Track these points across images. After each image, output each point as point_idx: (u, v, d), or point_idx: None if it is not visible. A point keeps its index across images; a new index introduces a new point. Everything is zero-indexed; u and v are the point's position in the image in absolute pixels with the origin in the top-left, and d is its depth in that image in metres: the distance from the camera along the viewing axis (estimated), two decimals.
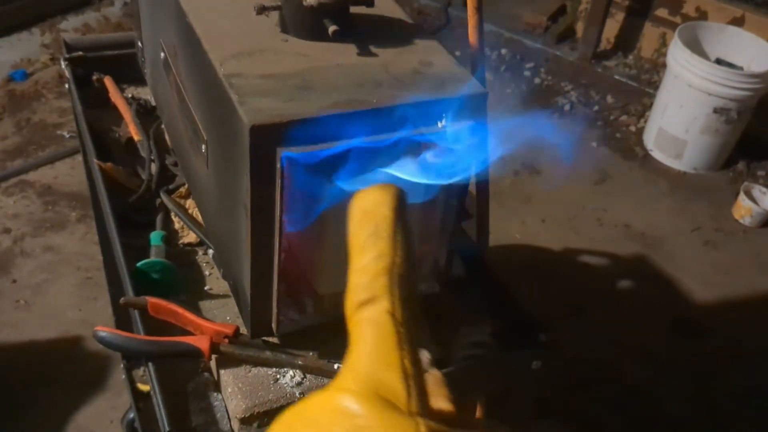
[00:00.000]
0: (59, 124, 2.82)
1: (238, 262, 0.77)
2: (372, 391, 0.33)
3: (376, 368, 0.34)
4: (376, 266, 0.37)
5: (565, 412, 1.92)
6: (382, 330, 0.35)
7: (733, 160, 2.92)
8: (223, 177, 0.77)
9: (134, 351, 0.77)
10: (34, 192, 2.52)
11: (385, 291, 0.36)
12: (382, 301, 0.36)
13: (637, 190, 2.81)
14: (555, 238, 2.52)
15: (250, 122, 0.62)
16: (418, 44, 0.77)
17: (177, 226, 1.02)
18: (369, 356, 0.35)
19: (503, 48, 3.46)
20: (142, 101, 1.20)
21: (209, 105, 0.76)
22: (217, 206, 0.84)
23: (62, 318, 2.07)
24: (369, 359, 0.35)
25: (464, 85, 0.71)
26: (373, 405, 0.32)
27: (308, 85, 0.68)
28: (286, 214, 0.67)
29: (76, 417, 1.82)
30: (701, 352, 2.19)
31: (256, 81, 0.67)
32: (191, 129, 0.85)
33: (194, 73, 0.80)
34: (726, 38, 2.87)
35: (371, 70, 0.72)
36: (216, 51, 0.71)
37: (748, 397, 2.06)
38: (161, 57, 0.96)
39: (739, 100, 2.67)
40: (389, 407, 0.32)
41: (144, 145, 1.11)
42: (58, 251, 2.30)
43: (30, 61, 3.17)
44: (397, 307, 0.36)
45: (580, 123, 3.11)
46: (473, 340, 0.87)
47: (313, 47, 0.74)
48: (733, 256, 2.54)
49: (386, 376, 0.34)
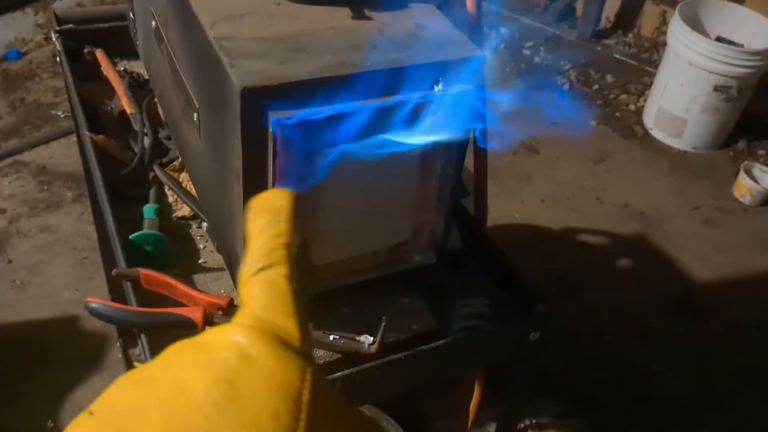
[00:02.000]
0: (54, 104, 2.80)
1: (232, 233, 0.76)
2: (265, 329, 0.33)
3: (271, 314, 0.35)
4: (274, 242, 0.38)
5: (564, 389, 1.92)
6: (279, 288, 0.36)
7: (734, 138, 2.91)
8: (215, 145, 0.75)
9: (126, 322, 0.76)
10: (30, 172, 2.50)
11: (283, 260, 0.37)
12: (280, 267, 0.37)
13: (637, 169, 2.79)
14: (554, 218, 2.51)
15: (240, 85, 0.60)
16: (414, 8, 0.75)
17: (171, 199, 1.01)
18: (264, 306, 0.35)
19: (503, 27, 3.43)
20: (134, 74, 1.18)
21: (200, 70, 0.74)
22: (210, 177, 0.82)
23: (58, 298, 2.06)
24: (264, 308, 0.35)
25: (460, 48, 0.69)
26: (266, 339, 0.32)
27: (301, 48, 0.66)
28: (278, 180, 0.66)
29: (73, 396, 1.81)
30: (701, 330, 2.18)
31: (247, 43, 0.66)
32: (183, 98, 0.84)
33: (185, 38, 0.78)
34: (727, 15, 2.84)
35: (366, 32, 0.70)
36: (206, 14, 0.69)
37: (747, 375, 2.06)
38: (152, 26, 0.94)
39: (739, 78, 2.65)
40: (281, 344, 0.33)
41: (137, 118, 1.09)
42: (53, 231, 2.29)
43: (24, 40, 3.14)
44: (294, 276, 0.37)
45: (579, 102, 3.09)
46: (471, 312, 0.85)
47: (306, 10, 0.72)
48: (732, 235, 2.53)
49: (281, 320, 0.35)
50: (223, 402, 0.30)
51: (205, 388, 0.30)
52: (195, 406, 0.29)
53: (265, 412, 0.30)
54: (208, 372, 0.31)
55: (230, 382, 0.30)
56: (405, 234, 0.83)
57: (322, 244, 0.76)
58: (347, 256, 0.81)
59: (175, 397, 0.30)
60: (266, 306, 0.35)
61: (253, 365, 0.31)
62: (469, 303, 0.88)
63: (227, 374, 0.31)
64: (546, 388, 1.88)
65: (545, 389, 1.87)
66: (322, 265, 0.78)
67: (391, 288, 0.87)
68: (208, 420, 0.29)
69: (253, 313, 0.35)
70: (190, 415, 0.29)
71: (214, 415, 0.29)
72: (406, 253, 0.85)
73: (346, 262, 0.81)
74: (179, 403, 0.30)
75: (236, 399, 0.30)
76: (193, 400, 0.30)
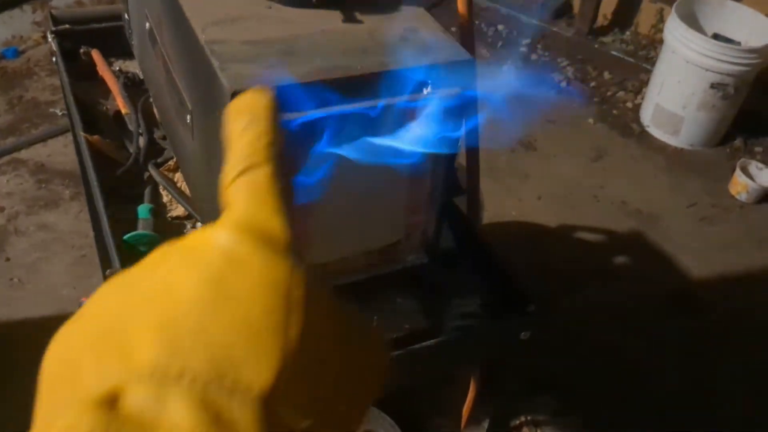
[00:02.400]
0: (52, 102, 2.80)
1: None
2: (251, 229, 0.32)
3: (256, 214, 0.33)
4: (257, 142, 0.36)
5: (560, 386, 1.93)
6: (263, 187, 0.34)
7: (730, 136, 2.91)
8: (208, 147, 0.76)
9: None
10: (27, 170, 2.51)
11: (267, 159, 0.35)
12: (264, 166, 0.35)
13: (634, 167, 2.80)
14: (551, 215, 2.52)
15: (231, 88, 0.61)
16: (405, 12, 0.76)
17: (165, 199, 1.02)
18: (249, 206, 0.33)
19: (500, 24, 3.43)
20: (130, 74, 1.19)
21: (192, 73, 0.75)
22: (204, 177, 0.83)
23: (56, 296, 2.07)
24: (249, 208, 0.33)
25: (450, 52, 0.70)
26: (252, 239, 0.31)
27: (292, 52, 0.67)
28: None
29: None
30: (697, 326, 2.19)
31: (238, 47, 0.66)
32: (177, 99, 0.84)
33: (177, 41, 0.79)
34: (724, 13, 2.85)
35: (356, 36, 0.70)
36: (198, 18, 0.70)
37: (744, 371, 2.07)
38: (146, 27, 0.94)
39: (736, 76, 2.65)
40: (267, 244, 0.31)
41: (132, 119, 1.10)
42: (51, 229, 2.29)
43: (22, 38, 3.15)
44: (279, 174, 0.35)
45: (576, 99, 3.10)
46: (463, 311, 0.86)
47: (297, 14, 0.73)
48: (729, 232, 2.54)
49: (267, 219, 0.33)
50: (213, 302, 0.29)
51: (192, 287, 0.29)
52: (183, 305, 0.29)
53: (256, 310, 0.29)
54: (195, 273, 0.30)
55: (219, 282, 0.29)
56: (397, 234, 0.84)
57: (314, 245, 0.77)
58: (340, 257, 0.82)
59: (162, 297, 0.29)
60: (250, 206, 0.33)
61: (241, 266, 0.30)
62: (462, 302, 0.89)
63: (216, 275, 0.30)
64: (542, 386, 1.89)
65: (541, 386, 1.88)
66: (318, 265, 0.79)
67: (384, 288, 0.88)
68: (196, 318, 0.28)
69: (237, 214, 0.33)
70: (179, 313, 0.28)
71: (205, 313, 0.28)
72: (398, 253, 0.86)
73: (339, 262, 0.82)
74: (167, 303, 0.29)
75: (226, 299, 0.29)
76: (181, 300, 0.29)
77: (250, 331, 0.28)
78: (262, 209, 0.33)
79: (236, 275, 0.30)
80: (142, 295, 0.30)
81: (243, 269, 0.30)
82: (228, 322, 0.28)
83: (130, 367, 0.27)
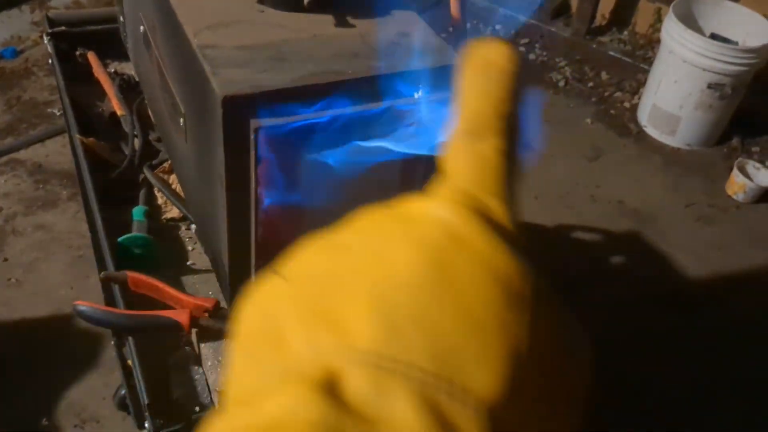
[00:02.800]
0: (50, 102, 2.81)
1: (217, 236, 0.77)
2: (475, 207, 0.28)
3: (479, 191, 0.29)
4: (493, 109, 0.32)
5: None
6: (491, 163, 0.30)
7: (728, 135, 2.91)
8: (201, 150, 0.76)
9: (113, 324, 0.77)
10: (25, 170, 2.51)
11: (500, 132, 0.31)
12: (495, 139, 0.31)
13: (631, 167, 2.80)
14: (548, 215, 2.52)
15: (222, 93, 0.61)
16: (397, 16, 0.76)
17: (160, 201, 1.02)
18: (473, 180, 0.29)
19: (498, 24, 3.43)
20: (125, 76, 1.19)
21: (185, 77, 0.75)
22: (197, 180, 0.83)
23: (54, 296, 2.07)
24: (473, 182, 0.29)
25: (442, 55, 0.70)
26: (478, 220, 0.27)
27: (284, 56, 0.67)
28: (261, 186, 0.67)
29: (68, 394, 1.83)
30: (693, 326, 2.19)
31: (230, 52, 0.67)
32: (170, 103, 0.85)
33: (171, 45, 0.79)
34: (721, 13, 2.85)
35: (348, 40, 0.71)
36: (190, 23, 0.70)
37: (741, 371, 2.08)
38: (141, 31, 0.95)
39: (733, 76, 2.65)
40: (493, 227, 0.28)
41: (127, 120, 1.10)
42: (49, 230, 2.30)
43: (20, 38, 3.15)
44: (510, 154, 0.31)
45: (574, 99, 3.10)
46: None
47: (289, 18, 0.73)
48: (726, 232, 2.54)
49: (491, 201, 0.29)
50: (433, 285, 0.25)
51: (413, 265, 0.26)
52: (401, 283, 0.25)
53: (481, 302, 0.25)
54: (412, 247, 0.26)
55: (440, 263, 0.26)
56: None
57: None
58: None
59: (378, 270, 0.26)
60: (474, 181, 0.29)
61: (466, 248, 0.27)
62: None
63: (435, 254, 0.26)
64: None
65: None
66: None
67: None
68: (416, 301, 0.25)
69: (460, 186, 0.29)
70: (397, 291, 0.25)
71: (424, 296, 0.25)
72: None
73: None
74: (385, 279, 0.26)
75: (449, 284, 0.26)
76: (398, 275, 0.26)
77: (476, 327, 0.25)
78: (486, 188, 0.29)
79: (460, 259, 0.26)
80: (355, 261, 0.27)
81: (468, 254, 0.26)
82: (452, 313, 0.25)
83: (346, 345, 0.25)
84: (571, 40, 3.30)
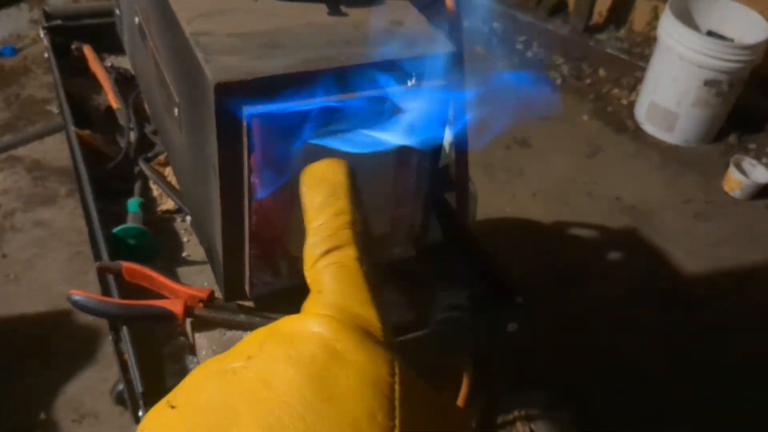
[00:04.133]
0: (48, 99, 2.81)
1: (211, 226, 0.77)
2: (348, 320, 0.31)
3: (348, 302, 0.33)
4: (337, 221, 0.36)
5: (553, 381, 1.94)
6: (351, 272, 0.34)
7: (725, 132, 2.92)
8: (195, 140, 0.76)
9: (107, 314, 0.77)
10: (24, 167, 2.52)
11: (350, 241, 0.35)
12: (348, 249, 0.35)
13: (629, 164, 2.81)
14: (546, 212, 2.53)
15: (215, 80, 0.61)
16: (390, 4, 0.77)
17: (155, 193, 1.02)
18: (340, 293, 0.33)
19: (495, 22, 3.44)
20: (121, 70, 1.20)
21: (179, 66, 0.76)
22: (191, 170, 0.83)
23: (52, 292, 2.08)
24: (341, 295, 0.33)
25: (435, 44, 0.71)
26: (350, 332, 0.31)
27: (277, 44, 0.67)
28: (254, 174, 0.67)
29: (66, 389, 1.83)
30: (690, 322, 2.20)
31: (223, 39, 0.67)
32: (165, 93, 0.85)
33: (164, 34, 0.80)
34: (718, 10, 2.86)
35: (341, 28, 0.71)
36: (184, 10, 0.70)
37: (738, 367, 2.08)
38: (136, 22, 0.95)
39: (730, 73, 2.66)
40: (367, 336, 0.31)
41: (123, 113, 1.10)
42: (47, 226, 2.30)
43: (19, 36, 3.15)
44: (363, 257, 0.35)
45: (571, 96, 3.10)
46: (450, 303, 0.87)
47: (283, 6, 0.73)
48: (722, 229, 2.55)
49: (359, 309, 0.32)
50: (317, 402, 0.28)
51: (296, 385, 0.28)
52: (287, 405, 0.28)
53: (361, 412, 0.28)
54: (295, 368, 0.29)
55: (321, 380, 0.29)
56: (383, 227, 0.84)
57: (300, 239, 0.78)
58: None
59: (263, 393, 0.28)
60: (342, 293, 0.33)
61: (342, 361, 0.29)
62: (448, 295, 0.89)
63: (317, 371, 0.29)
64: (535, 380, 1.90)
65: (534, 381, 1.89)
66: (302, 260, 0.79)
67: None
68: (305, 421, 0.27)
69: (331, 301, 0.33)
70: (284, 415, 0.27)
71: (310, 416, 0.27)
72: (385, 245, 0.86)
73: None
74: (269, 401, 0.28)
75: (330, 399, 0.28)
76: (283, 398, 0.28)
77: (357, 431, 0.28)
78: (353, 297, 0.33)
79: (338, 372, 0.29)
80: (243, 389, 0.29)
81: (345, 366, 0.29)
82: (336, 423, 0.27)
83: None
84: (569, 37, 3.30)
